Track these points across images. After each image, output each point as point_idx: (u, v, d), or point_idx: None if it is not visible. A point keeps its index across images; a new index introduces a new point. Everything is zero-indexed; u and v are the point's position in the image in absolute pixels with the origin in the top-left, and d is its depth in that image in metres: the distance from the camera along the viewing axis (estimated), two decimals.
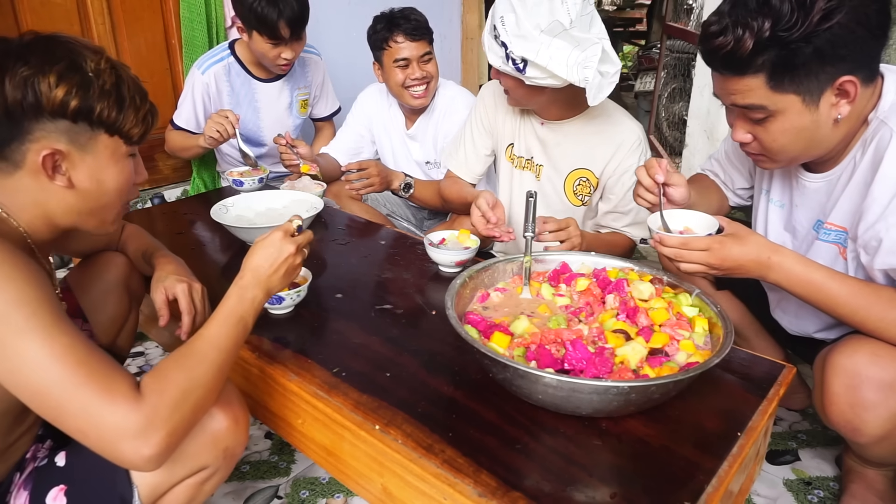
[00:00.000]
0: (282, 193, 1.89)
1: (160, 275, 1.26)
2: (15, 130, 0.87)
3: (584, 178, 1.74)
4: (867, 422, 1.10)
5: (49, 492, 0.96)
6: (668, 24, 4.02)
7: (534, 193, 1.30)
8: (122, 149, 0.96)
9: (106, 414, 0.78)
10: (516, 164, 1.83)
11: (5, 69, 0.85)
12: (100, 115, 0.91)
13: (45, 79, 0.86)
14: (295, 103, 2.46)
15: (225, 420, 0.99)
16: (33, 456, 1.04)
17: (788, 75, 1.01)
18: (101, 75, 0.90)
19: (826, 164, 1.19)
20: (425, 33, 2.10)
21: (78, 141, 0.91)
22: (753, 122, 1.11)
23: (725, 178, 1.51)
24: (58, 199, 0.93)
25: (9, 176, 0.91)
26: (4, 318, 0.77)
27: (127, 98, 0.94)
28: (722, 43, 1.02)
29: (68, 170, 0.92)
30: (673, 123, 4.00)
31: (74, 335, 0.81)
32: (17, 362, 0.78)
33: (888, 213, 1.04)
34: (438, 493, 0.93)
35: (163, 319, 1.23)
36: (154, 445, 0.80)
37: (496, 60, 1.51)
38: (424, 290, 1.47)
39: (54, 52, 0.88)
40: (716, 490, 0.88)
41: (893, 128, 1.05)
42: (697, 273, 1.14)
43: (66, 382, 0.78)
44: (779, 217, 1.33)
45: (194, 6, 2.54)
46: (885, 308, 1.06)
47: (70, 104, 0.87)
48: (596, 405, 0.95)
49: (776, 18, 0.97)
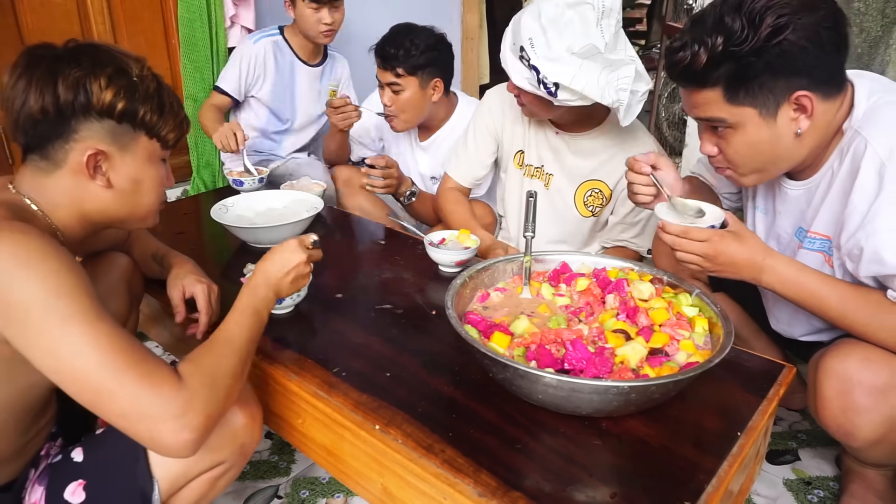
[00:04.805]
0: (282, 193, 1.89)
1: (178, 273, 1.30)
2: (62, 128, 0.92)
3: (598, 190, 1.74)
4: (860, 426, 1.10)
5: (67, 487, 0.97)
6: (668, 24, 4.02)
7: (534, 193, 1.31)
8: (158, 152, 1.02)
9: (148, 397, 0.81)
10: (525, 173, 1.82)
11: (58, 71, 0.90)
12: (143, 117, 0.96)
13: (97, 80, 0.91)
14: (325, 91, 2.58)
15: (243, 417, 1.03)
16: (46, 453, 1.05)
17: (743, 88, 1.06)
18: (144, 81, 0.97)
19: (805, 172, 1.21)
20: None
21: (120, 142, 0.96)
22: (718, 136, 1.16)
23: (713, 181, 1.53)
24: (95, 198, 0.98)
25: (47, 175, 0.95)
26: (48, 306, 0.80)
27: (167, 104, 1.00)
28: (681, 58, 1.09)
29: (108, 170, 0.96)
30: (673, 123, 4.00)
31: (114, 324, 0.84)
32: (59, 348, 0.80)
33: (867, 221, 1.05)
34: (438, 493, 0.93)
35: (179, 316, 1.28)
36: (194, 429, 0.83)
37: (522, 82, 1.48)
38: (424, 290, 1.47)
39: (101, 58, 0.94)
40: (716, 490, 0.88)
41: (867, 137, 1.06)
42: (691, 263, 1.15)
43: (108, 367, 0.80)
44: (763, 223, 1.35)
45: (194, 6, 2.54)
46: (874, 312, 1.07)
47: (118, 105, 0.93)
48: (596, 405, 0.95)
49: (728, 35, 1.03)
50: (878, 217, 1.04)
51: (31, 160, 0.96)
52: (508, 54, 1.50)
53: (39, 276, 0.80)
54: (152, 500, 0.97)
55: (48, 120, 0.91)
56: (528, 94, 1.54)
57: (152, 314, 1.58)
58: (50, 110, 0.90)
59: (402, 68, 1.93)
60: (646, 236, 1.74)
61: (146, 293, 1.43)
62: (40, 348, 0.81)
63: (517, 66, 1.48)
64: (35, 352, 0.82)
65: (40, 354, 0.81)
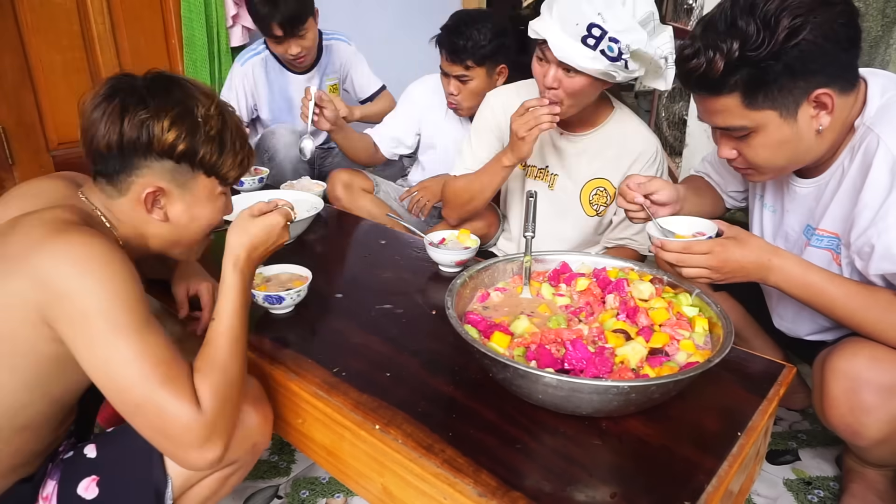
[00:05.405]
0: (282, 193, 1.89)
1: (183, 271, 1.32)
2: (125, 164, 0.97)
3: (602, 189, 1.73)
4: (867, 425, 1.10)
5: (80, 482, 0.99)
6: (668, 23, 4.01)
7: (534, 194, 1.30)
8: (217, 189, 1.06)
9: (176, 421, 0.85)
10: (528, 174, 1.82)
11: (127, 110, 0.95)
12: (202, 158, 1.00)
13: (160, 122, 0.95)
14: (324, 88, 2.54)
15: (256, 417, 1.05)
16: (64, 449, 1.07)
17: (762, 93, 1.04)
18: (209, 121, 0.99)
19: (815, 170, 1.20)
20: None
21: (178, 180, 1.00)
22: (737, 140, 1.13)
23: (718, 179, 1.52)
24: (153, 228, 1.03)
25: (112, 199, 1.01)
26: (106, 312, 0.84)
27: (228, 143, 1.03)
28: (695, 66, 1.06)
29: (166, 205, 1.01)
30: (673, 123, 3.99)
31: (160, 335, 0.88)
32: (112, 356, 0.84)
33: (878, 218, 1.05)
34: (438, 493, 0.93)
35: (182, 312, 1.30)
36: (218, 449, 0.89)
37: (587, 62, 1.42)
38: (424, 290, 1.47)
39: (172, 95, 0.98)
40: (716, 490, 0.88)
41: (880, 134, 1.06)
42: (700, 278, 1.14)
43: (147, 382, 0.84)
44: (771, 221, 1.35)
45: (195, 6, 2.54)
46: (883, 310, 1.07)
47: (178, 147, 0.97)
48: (596, 405, 0.95)
49: (743, 39, 1.00)
50: (889, 214, 1.03)
51: (99, 182, 1.01)
52: (564, 41, 1.42)
53: (101, 282, 0.84)
54: (165, 497, 0.99)
55: (113, 155, 0.96)
56: (578, 83, 1.48)
57: (152, 314, 1.58)
58: (114, 147, 0.95)
59: (471, 60, 1.92)
60: (646, 234, 1.74)
61: (147, 293, 1.43)
62: (94, 354, 0.84)
63: (579, 50, 1.42)
64: (88, 357, 0.85)
65: (93, 360, 0.85)
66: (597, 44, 1.40)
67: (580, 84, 1.49)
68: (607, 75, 1.45)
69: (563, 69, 1.47)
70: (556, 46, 1.43)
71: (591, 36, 1.40)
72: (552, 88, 1.51)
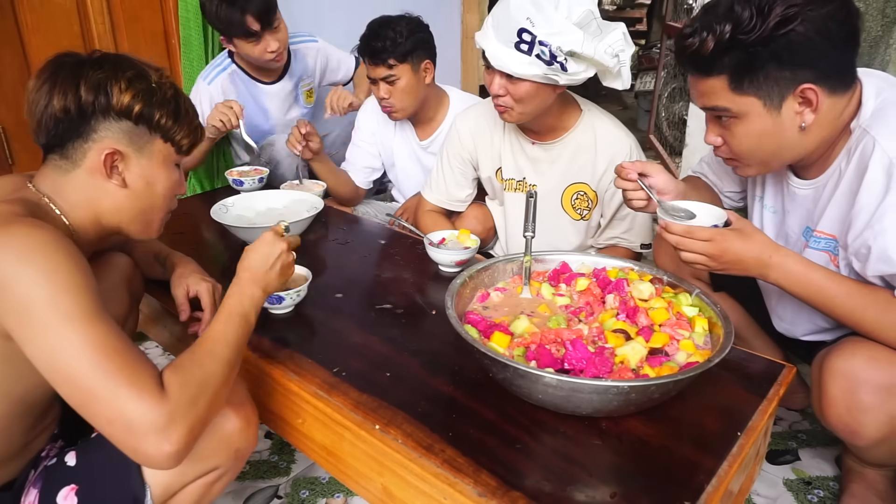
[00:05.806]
0: (282, 193, 1.89)
1: (182, 272, 1.32)
2: (82, 128, 0.96)
3: (582, 192, 1.73)
4: (865, 425, 1.10)
5: (60, 491, 0.97)
6: (668, 23, 4.02)
7: (533, 193, 1.30)
8: (172, 156, 1.06)
9: (132, 407, 0.80)
10: (506, 187, 1.82)
11: (81, 75, 0.95)
12: (159, 120, 1.01)
13: (117, 83, 0.96)
14: (300, 95, 2.48)
15: (238, 421, 1.02)
16: (47, 454, 1.05)
17: (748, 78, 1.06)
18: (162, 87, 1.02)
19: (813, 171, 1.20)
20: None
21: (136, 143, 1.01)
22: (722, 127, 1.16)
23: (715, 180, 1.52)
24: (110, 198, 1.01)
25: (65, 174, 0.99)
26: (53, 302, 0.81)
27: (182, 110, 1.05)
28: (689, 44, 1.10)
29: (124, 170, 1.00)
30: (673, 123, 4.00)
31: (112, 325, 0.85)
32: (58, 345, 0.81)
33: (874, 220, 1.05)
34: (438, 493, 0.93)
35: (184, 314, 1.29)
36: (175, 442, 0.82)
37: (523, 69, 1.43)
38: (424, 290, 1.47)
39: (122, 64, 1.00)
40: (716, 490, 0.88)
41: (875, 136, 1.06)
42: (696, 263, 1.14)
43: (99, 370, 0.81)
44: (772, 223, 1.35)
45: (191, 5, 2.54)
46: (882, 310, 1.07)
47: (135, 107, 0.98)
48: (596, 405, 0.95)
49: (736, 23, 1.04)
50: (886, 216, 1.04)
51: (50, 160, 1.00)
52: (499, 49, 1.45)
53: (45, 272, 0.81)
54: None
55: (69, 119, 0.95)
56: (523, 88, 1.49)
57: (152, 314, 1.58)
58: (72, 109, 0.95)
59: (392, 58, 1.91)
60: (636, 231, 1.73)
61: (146, 293, 1.43)
62: (40, 345, 0.81)
63: (513, 56, 1.43)
64: (34, 348, 0.82)
65: (39, 351, 0.82)
66: (530, 48, 1.41)
67: (525, 90, 1.50)
68: (548, 79, 1.46)
69: (506, 77, 1.49)
70: (492, 55, 1.46)
71: (523, 41, 1.42)
72: (500, 96, 1.53)
